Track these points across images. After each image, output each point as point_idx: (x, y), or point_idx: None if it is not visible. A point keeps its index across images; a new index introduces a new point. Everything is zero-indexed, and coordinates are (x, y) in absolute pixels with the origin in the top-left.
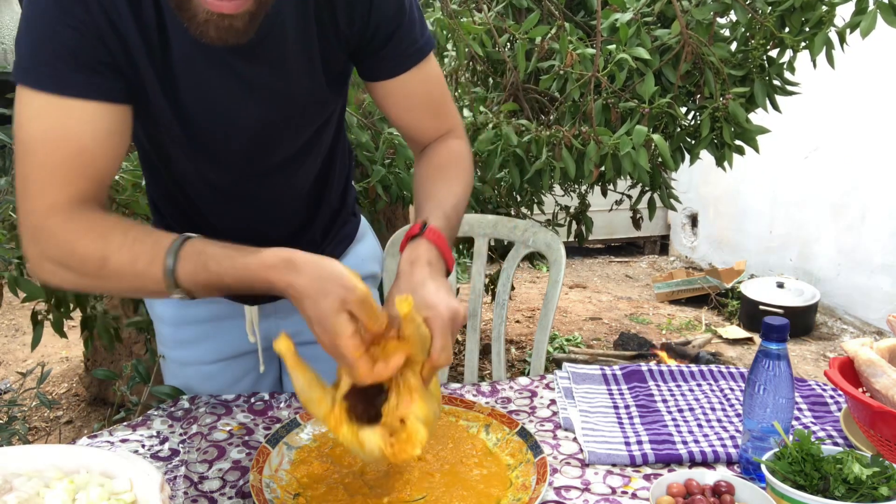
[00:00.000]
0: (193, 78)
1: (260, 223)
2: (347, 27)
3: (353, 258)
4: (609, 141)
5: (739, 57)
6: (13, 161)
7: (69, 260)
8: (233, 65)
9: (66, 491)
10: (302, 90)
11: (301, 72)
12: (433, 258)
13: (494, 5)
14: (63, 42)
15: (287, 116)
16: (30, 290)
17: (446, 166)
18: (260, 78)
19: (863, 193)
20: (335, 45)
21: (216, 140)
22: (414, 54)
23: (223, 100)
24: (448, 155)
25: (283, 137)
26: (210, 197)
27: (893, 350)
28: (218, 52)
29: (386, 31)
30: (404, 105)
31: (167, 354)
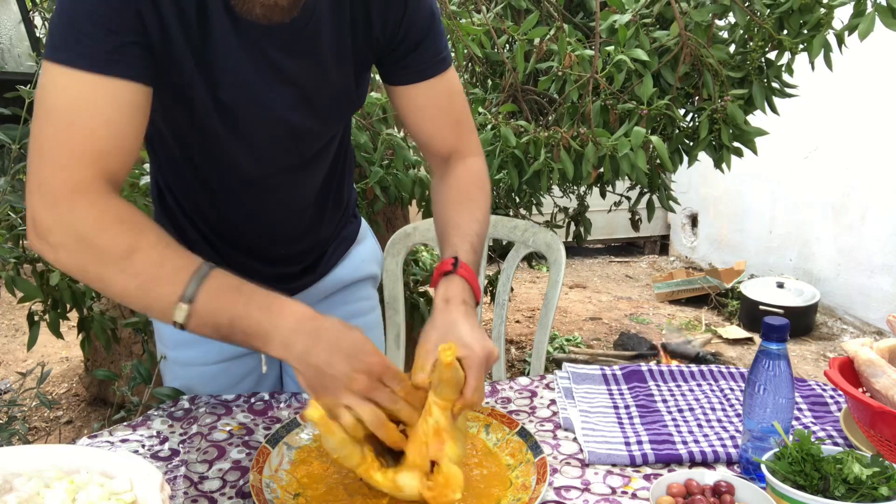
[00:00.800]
0: (230, 64)
1: (273, 220)
2: (381, 30)
3: (353, 259)
4: (607, 142)
5: (738, 59)
6: (11, 160)
7: (92, 241)
8: (269, 54)
9: (66, 491)
10: (333, 85)
11: (333, 67)
12: (467, 296)
13: (493, 6)
14: (99, 19)
15: (317, 111)
16: (27, 289)
17: (468, 190)
18: (294, 69)
19: (863, 193)
20: (366, 45)
21: (248, 128)
22: (438, 64)
23: (258, 87)
24: (469, 177)
25: (312, 132)
26: (231, 187)
27: (893, 350)
28: (255, 40)
29: (415, 38)
30: (424, 113)
31: (168, 355)
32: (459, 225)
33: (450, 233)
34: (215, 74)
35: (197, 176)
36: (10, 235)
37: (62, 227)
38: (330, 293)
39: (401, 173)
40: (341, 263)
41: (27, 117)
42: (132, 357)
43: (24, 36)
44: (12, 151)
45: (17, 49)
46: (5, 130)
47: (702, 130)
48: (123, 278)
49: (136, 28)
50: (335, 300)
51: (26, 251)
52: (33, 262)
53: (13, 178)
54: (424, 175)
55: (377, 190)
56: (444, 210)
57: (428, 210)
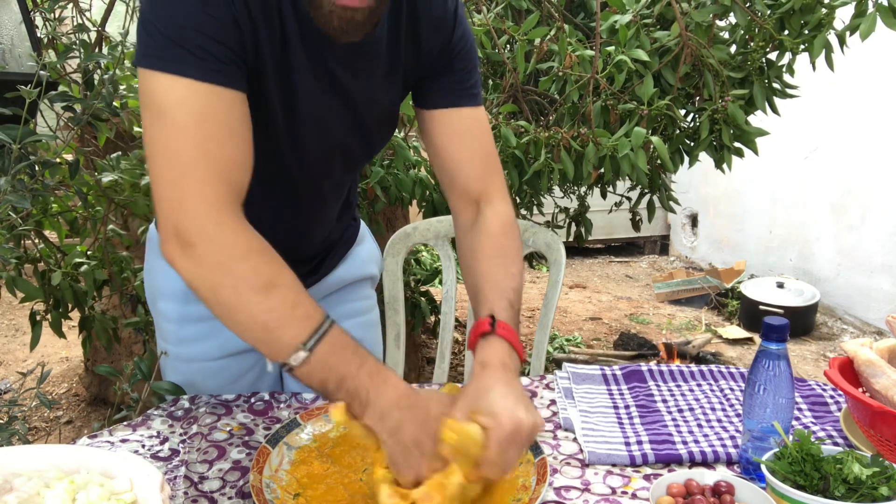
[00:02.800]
0: (301, 79)
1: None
2: (428, 52)
3: (353, 260)
4: (608, 143)
5: (739, 59)
6: (12, 161)
7: (233, 268)
8: (333, 71)
9: (66, 491)
10: (384, 104)
11: (386, 86)
12: (507, 358)
13: (494, 7)
14: (206, 30)
15: (369, 131)
16: (27, 290)
17: (502, 243)
18: (354, 88)
19: (863, 193)
20: (413, 64)
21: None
22: (474, 96)
23: (322, 105)
24: (501, 228)
25: (362, 152)
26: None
27: (893, 350)
28: (322, 57)
29: (457, 65)
30: (453, 140)
31: (170, 350)
32: (497, 282)
33: (485, 289)
34: (291, 88)
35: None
36: (11, 235)
37: (208, 246)
38: (330, 292)
39: (401, 173)
40: (342, 264)
41: (28, 117)
42: (132, 357)
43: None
44: (13, 152)
45: (18, 49)
46: (6, 130)
47: (702, 131)
48: (255, 311)
49: (237, 38)
50: (335, 299)
51: (27, 251)
52: (34, 262)
53: (14, 179)
54: (425, 175)
55: (378, 190)
56: (477, 264)
57: (428, 211)
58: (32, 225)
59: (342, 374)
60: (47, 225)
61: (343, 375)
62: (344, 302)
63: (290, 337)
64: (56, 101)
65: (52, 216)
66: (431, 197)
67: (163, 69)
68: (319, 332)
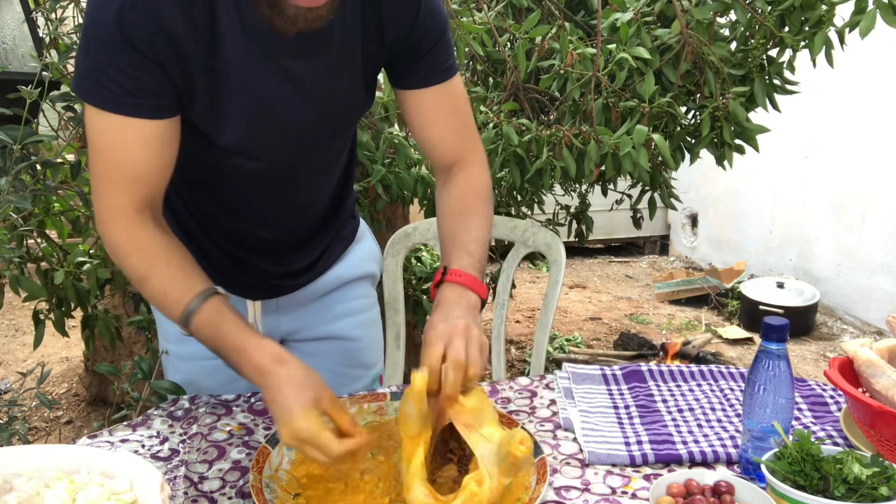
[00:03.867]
0: (244, 74)
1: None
2: (393, 32)
3: (352, 258)
4: (609, 140)
5: (739, 56)
6: (13, 161)
7: (121, 264)
8: (281, 61)
9: (66, 491)
10: (343, 90)
11: (343, 71)
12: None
13: (495, 5)
14: (119, 67)
15: (330, 116)
16: (31, 289)
17: (467, 202)
18: (306, 74)
19: (863, 193)
20: (377, 48)
21: (265, 135)
22: (447, 70)
23: (271, 95)
24: (468, 188)
25: (325, 137)
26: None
27: (893, 350)
28: (267, 48)
29: (426, 44)
30: (430, 118)
31: (170, 349)
32: (455, 235)
33: (447, 244)
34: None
35: (210, 180)
36: (13, 235)
37: (107, 247)
38: (328, 291)
39: (403, 172)
40: (340, 262)
41: (29, 118)
42: (132, 357)
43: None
44: (14, 152)
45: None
46: (7, 131)
47: (703, 128)
48: (145, 295)
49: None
50: (333, 298)
51: (30, 251)
52: (37, 262)
53: (14, 179)
54: (426, 173)
55: (379, 188)
56: (443, 222)
57: (429, 210)
58: (35, 224)
59: (213, 348)
60: (49, 224)
61: (214, 348)
62: (343, 300)
63: (171, 316)
64: (57, 101)
65: (55, 215)
66: (433, 195)
67: (84, 98)
68: (186, 313)
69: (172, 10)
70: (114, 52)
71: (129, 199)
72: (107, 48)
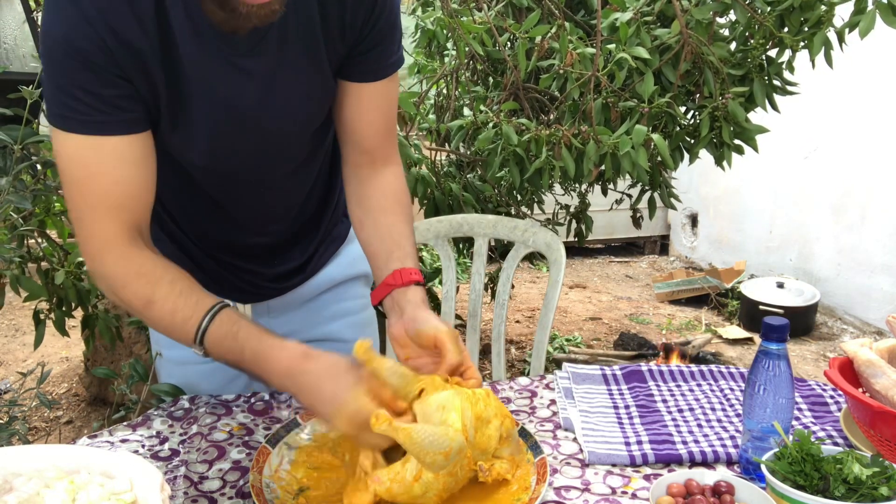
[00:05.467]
0: (200, 75)
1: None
2: (351, 23)
3: (344, 258)
4: (609, 140)
5: (739, 56)
6: (13, 161)
7: (118, 294)
8: (235, 60)
9: (66, 491)
10: (304, 82)
11: (302, 63)
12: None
13: (494, 4)
14: (81, 85)
15: (291, 110)
16: (31, 288)
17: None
18: (262, 71)
19: (863, 193)
20: (338, 38)
21: (229, 139)
22: (391, 65)
23: (230, 96)
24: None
25: (290, 134)
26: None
27: (893, 350)
28: (221, 49)
29: (377, 38)
30: (365, 110)
31: (163, 353)
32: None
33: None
34: (191, 91)
35: (185, 187)
36: (14, 235)
37: (99, 280)
38: (321, 291)
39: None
40: (332, 262)
41: (30, 118)
42: (133, 356)
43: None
44: (14, 152)
45: (21, 49)
46: (8, 131)
47: (703, 128)
48: (150, 322)
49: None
50: (326, 298)
51: (30, 250)
52: (38, 261)
53: (15, 179)
54: (426, 173)
55: None
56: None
57: (429, 210)
58: (35, 224)
59: (233, 361)
60: (50, 224)
61: (234, 361)
62: (336, 301)
63: (182, 338)
64: None
65: (55, 215)
66: (433, 195)
67: (54, 124)
68: (200, 331)
69: (123, 20)
70: (73, 72)
71: (118, 226)
72: (64, 68)
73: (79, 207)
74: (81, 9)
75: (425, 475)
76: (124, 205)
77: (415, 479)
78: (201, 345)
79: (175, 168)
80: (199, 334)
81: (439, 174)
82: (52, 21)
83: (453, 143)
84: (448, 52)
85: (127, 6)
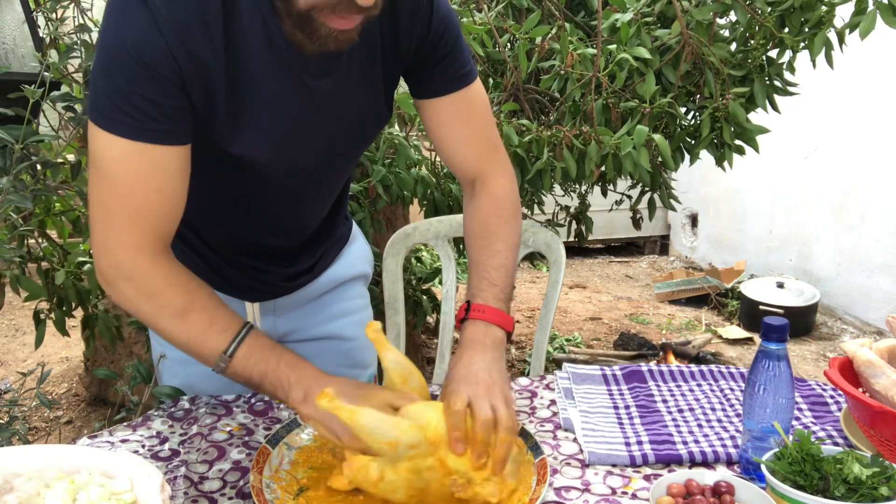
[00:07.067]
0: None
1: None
2: (407, 44)
3: (346, 258)
4: (610, 141)
5: (739, 57)
6: (14, 161)
7: (154, 297)
8: (304, 80)
9: (66, 491)
10: (363, 106)
11: (364, 88)
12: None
13: (495, 5)
14: (143, 93)
15: (349, 133)
16: (31, 288)
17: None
18: (328, 93)
19: (863, 194)
20: (393, 60)
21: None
22: (464, 77)
23: (293, 114)
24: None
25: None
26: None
27: (893, 350)
28: (291, 67)
29: (441, 52)
30: (449, 126)
31: (167, 353)
32: (479, 262)
33: (471, 273)
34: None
35: (213, 192)
36: (14, 235)
37: (127, 283)
38: (324, 292)
39: (403, 172)
40: (335, 263)
41: (30, 118)
42: (132, 357)
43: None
44: (15, 152)
45: (20, 49)
46: (8, 130)
47: (703, 128)
48: (176, 331)
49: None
50: (328, 298)
51: (30, 251)
52: (38, 261)
53: (15, 179)
54: (426, 174)
55: (379, 188)
56: (468, 247)
57: (429, 210)
58: (35, 224)
59: (263, 371)
60: (50, 224)
61: (264, 371)
62: (337, 301)
63: (210, 350)
64: (58, 102)
65: (55, 215)
66: (433, 195)
67: (102, 126)
68: (237, 341)
69: (196, 33)
70: (136, 78)
71: (150, 234)
72: (127, 73)
73: (114, 209)
74: (156, 19)
75: (388, 474)
76: (160, 213)
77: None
78: (231, 356)
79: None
80: (235, 343)
81: (439, 174)
82: (123, 26)
83: None
84: None
85: (200, 20)
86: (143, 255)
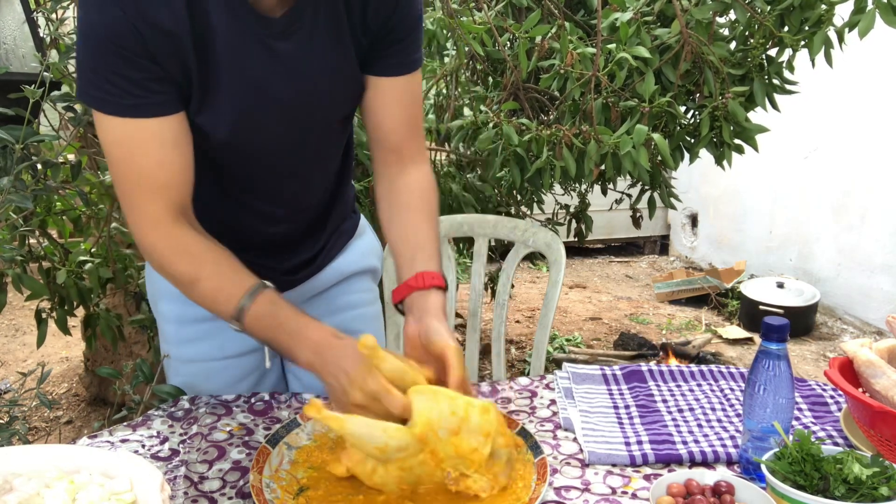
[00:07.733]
0: (233, 55)
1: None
2: (374, 18)
3: (353, 252)
4: (609, 140)
5: (739, 56)
6: (14, 161)
7: (166, 270)
8: (268, 42)
9: (66, 491)
10: (331, 68)
11: (330, 49)
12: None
13: (494, 4)
14: (112, 69)
15: (318, 96)
16: (33, 287)
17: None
18: (293, 54)
19: (863, 193)
20: (362, 30)
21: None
22: (414, 62)
23: (261, 77)
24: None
25: (316, 120)
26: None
27: (893, 350)
28: (254, 30)
29: (402, 32)
30: (389, 106)
31: (171, 352)
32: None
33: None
34: (221, 72)
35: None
36: (15, 235)
37: (148, 256)
38: (330, 285)
39: None
40: (340, 256)
41: (31, 118)
42: (133, 356)
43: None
44: (15, 152)
45: (21, 49)
46: (9, 130)
47: (703, 128)
48: (193, 298)
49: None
50: (334, 292)
51: (31, 250)
52: (39, 261)
53: (16, 179)
54: None
55: None
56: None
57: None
58: (36, 224)
59: (268, 338)
60: (51, 223)
61: (268, 339)
62: (344, 294)
63: (224, 314)
64: (58, 102)
65: (56, 215)
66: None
67: (94, 106)
68: (240, 309)
69: (154, 2)
70: (105, 55)
71: (164, 205)
72: (96, 52)
73: (125, 187)
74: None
75: (380, 471)
76: (167, 184)
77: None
78: (239, 321)
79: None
80: (239, 312)
81: (439, 174)
82: (89, 7)
83: (453, 144)
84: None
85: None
86: (155, 226)
